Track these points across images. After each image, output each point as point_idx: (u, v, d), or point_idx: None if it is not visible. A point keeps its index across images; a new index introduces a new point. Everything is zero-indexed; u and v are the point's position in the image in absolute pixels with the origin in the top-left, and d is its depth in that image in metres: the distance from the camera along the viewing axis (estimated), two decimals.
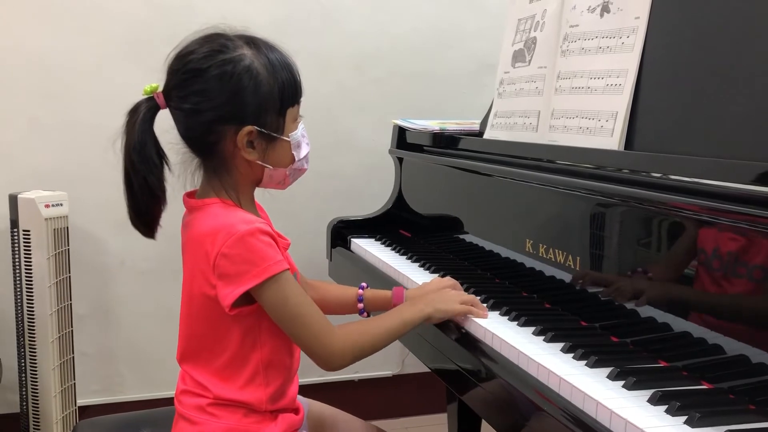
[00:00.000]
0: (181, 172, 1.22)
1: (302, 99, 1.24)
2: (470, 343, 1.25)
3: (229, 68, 1.14)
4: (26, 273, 2.13)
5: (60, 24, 2.31)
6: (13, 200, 2.13)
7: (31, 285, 2.13)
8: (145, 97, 1.18)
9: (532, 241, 1.44)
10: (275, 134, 1.19)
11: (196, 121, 1.16)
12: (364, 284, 1.44)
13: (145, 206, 1.17)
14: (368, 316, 1.43)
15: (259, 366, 1.20)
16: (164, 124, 1.20)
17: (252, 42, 1.18)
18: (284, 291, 1.15)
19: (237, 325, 1.18)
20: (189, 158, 1.21)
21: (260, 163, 1.19)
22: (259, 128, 1.17)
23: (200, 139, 1.18)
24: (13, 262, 2.15)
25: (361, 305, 1.42)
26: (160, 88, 1.18)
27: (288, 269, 1.16)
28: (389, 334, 1.24)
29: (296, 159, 1.23)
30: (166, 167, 1.19)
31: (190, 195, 1.24)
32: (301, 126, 1.24)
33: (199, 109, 1.15)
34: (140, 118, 1.15)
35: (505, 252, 1.56)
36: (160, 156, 1.18)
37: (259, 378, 1.20)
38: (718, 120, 1.20)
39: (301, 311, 1.16)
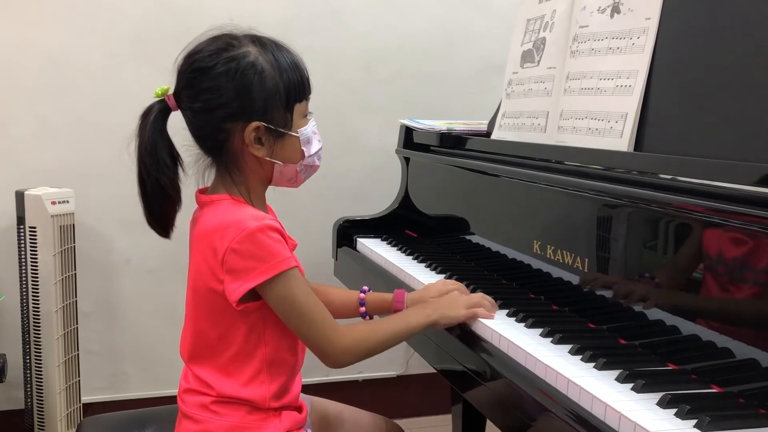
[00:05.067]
0: (194, 171, 1.22)
1: (310, 97, 1.24)
2: (477, 344, 1.25)
3: (234, 65, 1.15)
4: (32, 270, 2.14)
5: (69, 22, 2.31)
6: (20, 197, 2.14)
7: (37, 282, 2.14)
8: (157, 99, 1.19)
9: (539, 243, 1.43)
10: (283, 130, 1.19)
11: (205, 119, 1.17)
12: (366, 287, 1.44)
13: (158, 207, 1.19)
14: (370, 319, 1.43)
15: (263, 363, 1.20)
16: (177, 125, 1.21)
17: (257, 40, 1.19)
18: (292, 288, 1.15)
19: (242, 321, 1.18)
20: (201, 157, 1.22)
21: (269, 159, 1.20)
22: (266, 124, 1.17)
23: (210, 138, 1.19)
24: (19, 259, 2.16)
25: (363, 309, 1.42)
26: (171, 90, 1.19)
27: (296, 266, 1.17)
28: (394, 337, 1.24)
29: (306, 155, 1.23)
30: (180, 168, 1.20)
31: (201, 191, 1.25)
32: (312, 122, 1.24)
33: (207, 108, 1.16)
34: (152, 121, 1.17)
35: (512, 253, 1.56)
36: (173, 157, 1.19)
37: (263, 375, 1.20)
38: (729, 121, 1.19)
39: (308, 309, 1.17)
